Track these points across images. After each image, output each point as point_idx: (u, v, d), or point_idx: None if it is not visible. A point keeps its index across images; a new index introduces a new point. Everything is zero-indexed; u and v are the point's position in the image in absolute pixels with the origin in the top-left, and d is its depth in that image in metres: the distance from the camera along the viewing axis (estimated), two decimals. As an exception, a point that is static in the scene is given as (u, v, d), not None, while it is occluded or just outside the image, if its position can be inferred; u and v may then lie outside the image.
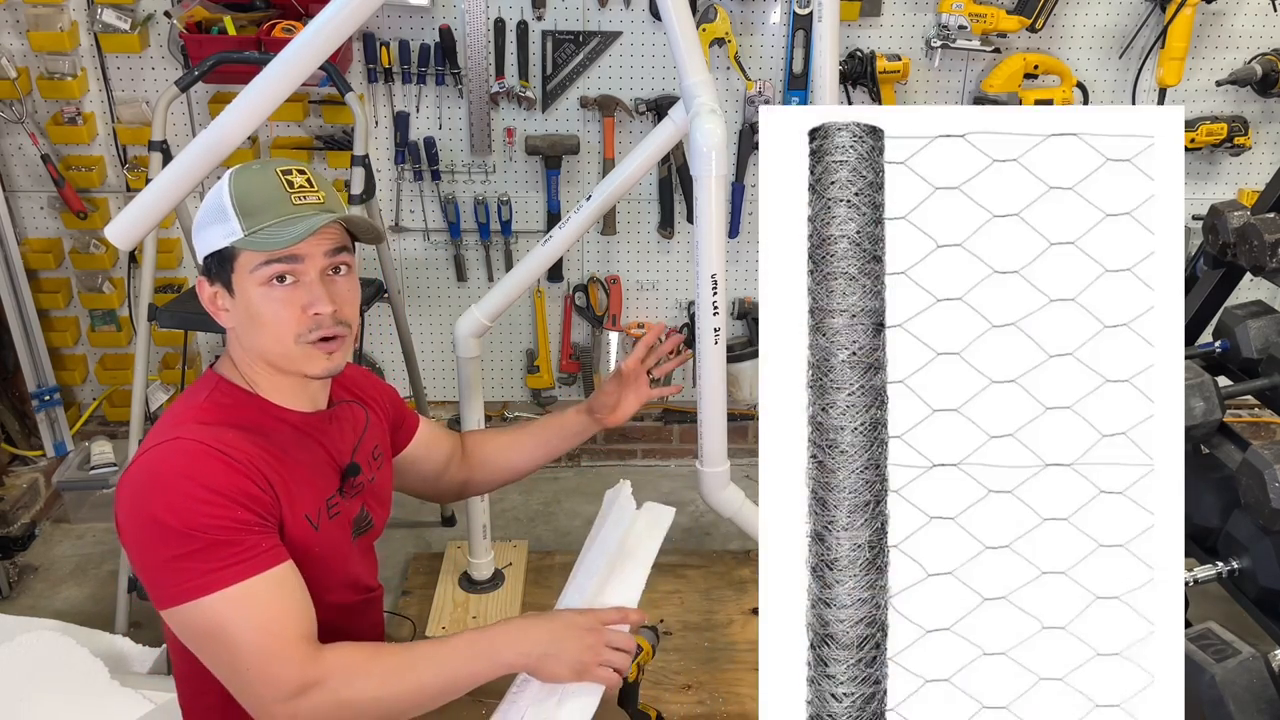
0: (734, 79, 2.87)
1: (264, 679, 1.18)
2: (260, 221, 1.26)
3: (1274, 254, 2.33)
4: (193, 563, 1.17)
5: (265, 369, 1.34)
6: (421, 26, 2.78)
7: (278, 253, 1.26)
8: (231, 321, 1.32)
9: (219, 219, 1.27)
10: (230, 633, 1.18)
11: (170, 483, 1.20)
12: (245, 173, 1.31)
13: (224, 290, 1.31)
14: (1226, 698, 1.90)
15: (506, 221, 2.98)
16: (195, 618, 1.19)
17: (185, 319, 2.37)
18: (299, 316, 1.28)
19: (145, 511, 1.19)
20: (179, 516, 1.18)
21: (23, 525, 2.86)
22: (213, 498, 1.19)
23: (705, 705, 2.32)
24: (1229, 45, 2.93)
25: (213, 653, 1.22)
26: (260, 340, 1.30)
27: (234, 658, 1.19)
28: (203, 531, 1.18)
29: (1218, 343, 2.59)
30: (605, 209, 2.07)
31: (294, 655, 1.19)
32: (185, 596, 1.18)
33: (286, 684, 1.18)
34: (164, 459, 1.22)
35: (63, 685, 2.02)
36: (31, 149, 2.78)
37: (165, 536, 1.18)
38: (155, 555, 1.19)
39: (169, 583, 1.19)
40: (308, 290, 1.29)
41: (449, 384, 3.21)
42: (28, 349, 2.95)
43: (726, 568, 2.78)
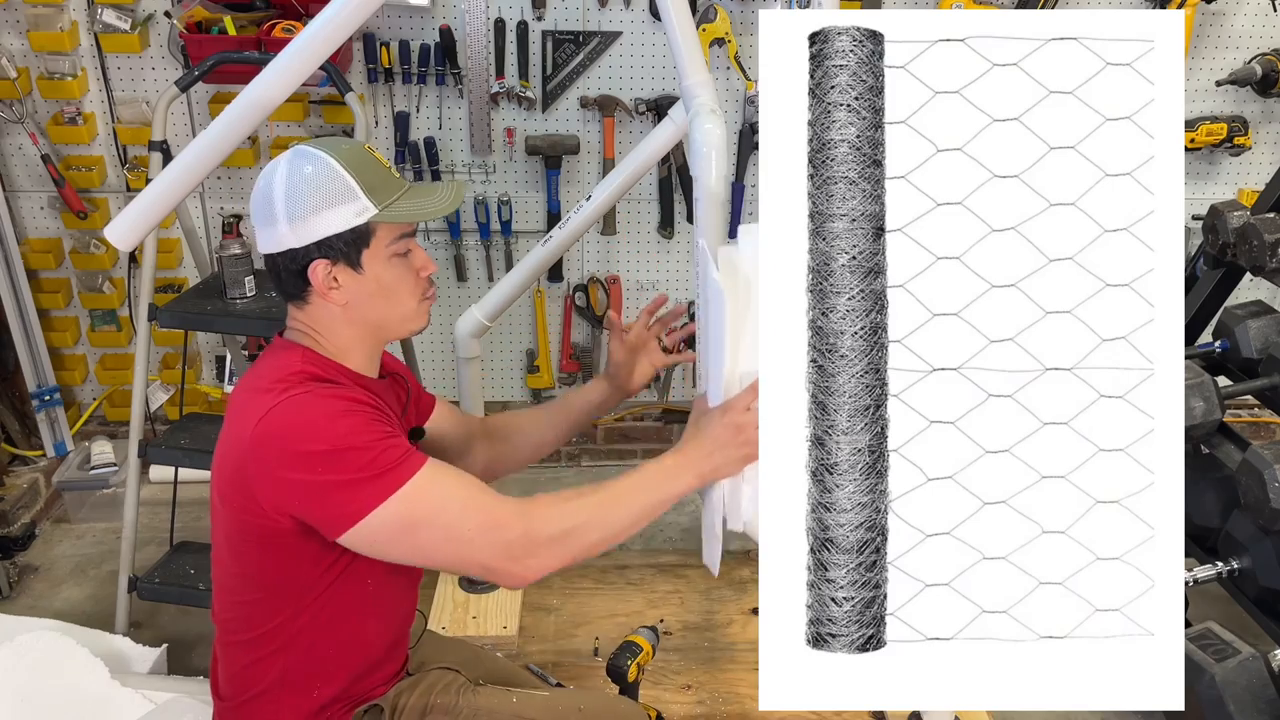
0: (734, 79, 2.87)
1: (490, 531, 1.29)
2: (387, 197, 1.34)
3: (1274, 254, 2.34)
4: (373, 469, 1.26)
5: (369, 340, 1.42)
6: (421, 26, 2.78)
7: (411, 226, 1.37)
8: (347, 297, 1.37)
9: (343, 199, 1.32)
10: (438, 507, 1.29)
11: (313, 420, 1.28)
12: (343, 153, 1.34)
13: (348, 268, 1.35)
14: (1226, 698, 1.91)
15: (506, 221, 2.98)
16: (395, 513, 1.26)
17: (185, 319, 2.37)
18: (417, 279, 1.41)
19: (304, 449, 1.26)
20: (338, 440, 1.26)
21: (23, 525, 2.86)
22: (355, 421, 1.29)
23: (705, 705, 2.32)
24: (1229, 45, 2.93)
25: (424, 539, 1.30)
26: (388, 309, 1.39)
27: (452, 530, 1.29)
28: (365, 445, 1.27)
29: (1218, 343, 2.59)
30: (605, 209, 2.07)
31: (505, 505, 1.31)
32: (383, 495, 1.25)
33: (513, 529, 1.29)
34: (292, 411, 1.29)
35: (63, 685, 2.02)
36: (31, 149, 2.78)
37: (333, 462, 1.25)
38: (331, 481, 1.25)
39: (358, 495, 1.25)
40: (418, 255, 1.41)
41: (449, 384, 3.21)
42: (28, 349, 2.95)
43: (726, 568, 2.77)
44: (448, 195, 1.41)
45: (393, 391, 1.51)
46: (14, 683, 1.99)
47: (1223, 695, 1.91)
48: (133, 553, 2.40)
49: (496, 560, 1.30)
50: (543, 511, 1.33)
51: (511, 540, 1.30)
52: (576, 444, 3.30)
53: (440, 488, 1.30)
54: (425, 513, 1.28)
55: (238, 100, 1.54)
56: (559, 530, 1.32)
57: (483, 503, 1.32)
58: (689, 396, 3.23)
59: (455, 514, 1.30)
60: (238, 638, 1.42)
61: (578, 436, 3.29)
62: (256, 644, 1.40)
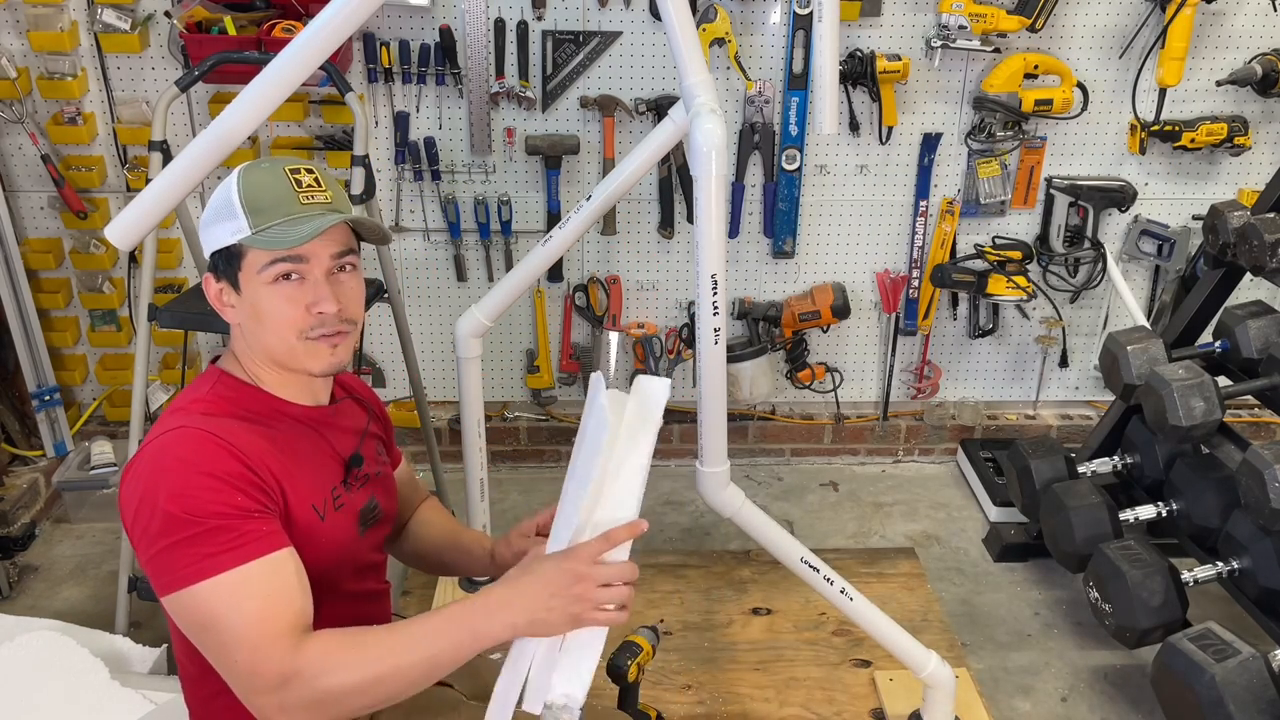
0: (734, 79, 2.87)
1: (250, 670, 1.17)
2: (268, 220, 1.28)
3: (1274, 254, 2.34)
4: (190, 548, 1.17)
5: (270, 365, 1.35)
6: (421, 26, 2.78)
7: (284, 251, 1.27)
8: (237, 318, 1.34)
9: (227, 216, 1.29)
10: (221, 621, 1.17)
11: (172, 469, 1.20)
12: (254, 171, 1.32)
13: (230, 287, 1.32)
14: (1226, 698, 1.91)
15: (506, 221, 2.98)
16: (190, 605, 1.18)
17: (185, 319, 2.36)
18: (303, 314, 1.30)
19: (148, 498, 1.20)
20: (179, 502, 1.18)
21: (23, 525, 2.86)
22: (213, 483, 1.20)
23: (705, 705, 2.32)
24: (1229, 45, 2.93)
25: (207, 642, 1.20)
26: (265, 336, 1.32)
27: (224, 648, 1.18)
28: (202, 517, 1.18)
29: (1218, 343, 2.60)
30: (605, 209, 2.07)
31: (278, 646, 1.17)
32: (181, 583, 1.18)
33: (269, 676, 1.16)
34: (167, 447, 1.23)
35: (63, 685, 2.02)
36: (31, 149, 2.78)
37: (166, 523, 1.18)
38: (156, 542, 1.19)
39: (167, 569, 1.18)
40: (313, 288, 1.30)
41: (449, 384, 3.21)
42: (28, 349, 2.95)
43: (726, 568, 2.78)
44: (318, 227, 1.27)
45: (339, 419, 1.44)
46: (14, 683, 1.99)
47: (1223, 695, 1.91)
48: (133, 552, 2.40)
49: (252, 706, 1.18)
50: (308, 666, 1.16)
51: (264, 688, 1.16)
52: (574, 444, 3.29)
53: (242, 598, 1.17)
54: (216, 615, 1.17)
55: (237, 100, 1.54)
56: (320, 689, 1.16)
57: (263, 638, 1.16)
58: (689, 396, 3.23)
59: (234, 636, 1.17)
60: (185, 670, 1.37)
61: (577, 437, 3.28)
62: (203, 679, 1.32)
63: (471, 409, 2.39)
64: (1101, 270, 3.12)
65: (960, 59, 2.89)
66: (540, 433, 3.29)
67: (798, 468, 3.37)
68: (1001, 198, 3.06)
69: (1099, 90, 2.94)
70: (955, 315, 3.24)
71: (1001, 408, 3.41)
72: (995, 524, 3.01)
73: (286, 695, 1.16)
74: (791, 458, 3.39)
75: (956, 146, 3.00)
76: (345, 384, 1.52)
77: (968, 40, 2.79)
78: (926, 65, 2.90)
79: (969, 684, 2.36)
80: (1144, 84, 2.91)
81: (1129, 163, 3.05)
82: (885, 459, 3.41)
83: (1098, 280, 3.15)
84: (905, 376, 3.31)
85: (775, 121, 2.93)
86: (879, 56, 2.80)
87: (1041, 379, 3.33)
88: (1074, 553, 2.47)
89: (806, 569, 1.91)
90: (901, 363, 3.29)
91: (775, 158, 2.96)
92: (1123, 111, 2.98)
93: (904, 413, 3.37)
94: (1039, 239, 3.11)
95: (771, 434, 3.35)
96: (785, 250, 3.07)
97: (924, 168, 3.00)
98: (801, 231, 3.07)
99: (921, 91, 2.93)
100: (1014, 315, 3.24)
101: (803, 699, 2.35)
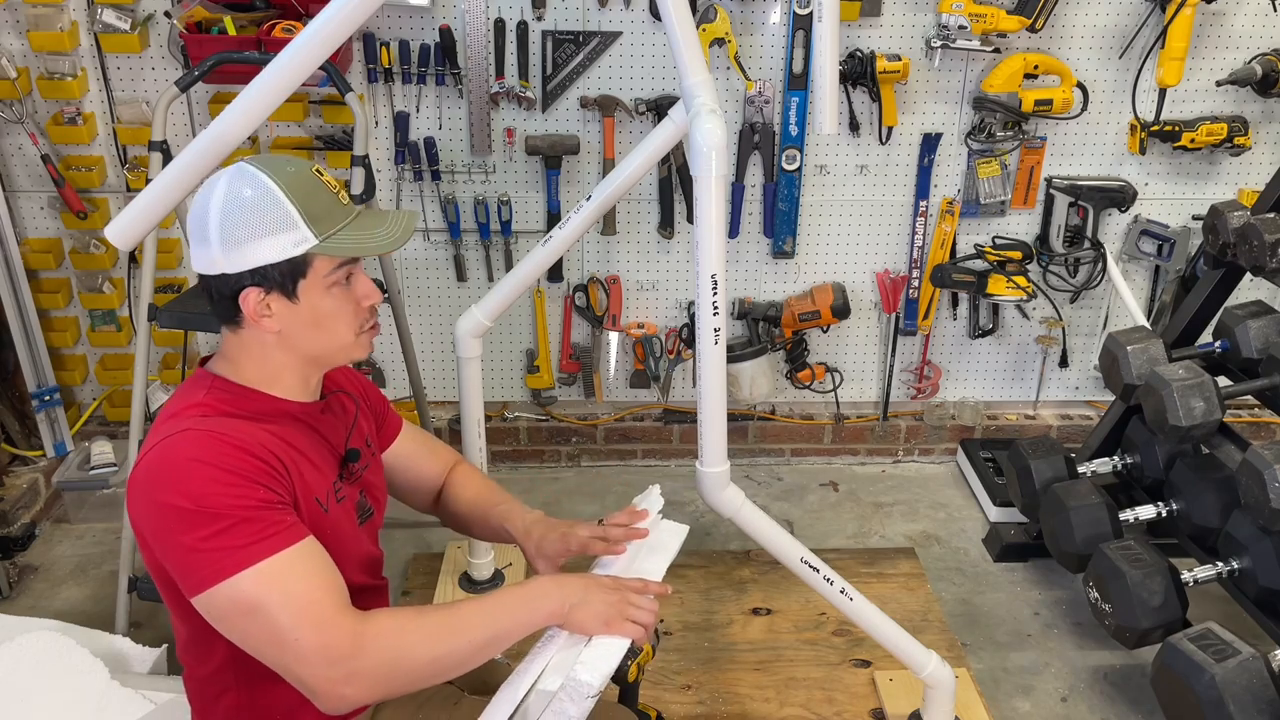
0: (734, 79, 2.87)
1: (315, 649, 1.18)
2: (330, 227, 1.28)
3: (1274, 254, 2.34)
4: (221, 542, 1.18)
5: (295, 365, 1.35)
6: (421, 26, 2.78)
7: (350, 255, 1.31)
8: (280, 325, 1.30)
9: (282, 227, 1.25)
10: (270, 608, 1.18)
11: (186, 469, 1.20)
12: (287, 176, 1.27)
13: (283, 297, 1.29)
14: (1226, 698, 1.91)
15: (506, 221, 2.98)
16: (232, 597, 1.18)
17: (185, 319, 2.36)
18: (357, 310, 1.35)
19: (164, 501, 1.19)
20: (199, 500, 1.18)
21: (23, 525, 2.86)
22: (230, 478, 1.20)
23: (705, 705, 2.32)
24: (1229, 45, 2.93)
25: (254, 631, 1.20)
26: (324, 340, 1.34)
27: (278, 633, 1.18)
28: (226, 512, 1.18)
29: (1218, 343, 2.60)
30: (605, 209, 2.07)
31: (340, 623, 1.20)
32: (219, 576, 1.18)
33: (338, 650, 1.19)
34: (175, 449, 1.22)
35: (63, 685, 2.02)
36: (31, 149, 2.78)
37: (188, 522, 1.18)
38: (181, 542, 1.19)
39: (200, 566, 1.18)
40: (359, 284, 1.35)
41: (449, 384, 3.21)
42: (28, 349, 2.95)
43: (726, 568, 2.78)
44: (395, 229, 1.34)
45: (331, 414, 1.45)
46: (14, 683, 1.99)
47: (1223, 695, 1.91)
48: (133, 553, 2.40)
49: (316, 682, 1.19)
50: (377, 639, 1.21)
51: (334, 660, 1.19)
52: (576, 444, 3.30)
53: (287, 581, 1.19)
54: (263, 601, 1.18)
55: (238, 100, 1.54)
56: (389, 659, 1.21)
57: (322, 614, 1.20)
58: (689, 396, 3.23)
59: (290, 616, 1.18)
60: (192, 672, 1.38)
61: (577, 437, 3.29)
62: (210, 680, 1.35)
63: (471, 409, 2.39)
64: (1101, 270, 3.12)
65: (960, 59, 2.89)
66: (540, 433, 3.29)
67: (798, 468, 3.37)
68: (1001, 198, 3.06)
69: (1099, 90, 2.94)
70: (955, 315, 3.24)
71: (1001, 408, 3.41)
72: (995, 524, 3.01)
73: (358, 664, 1.19)
74: (791, 458, 3.39)
75: (956, 146, 3.00)
76: (333, 374, 1.51)
77: (968, 40, 2.79)
78: (926, 65, 2.90)
79: (969, 684, 2.36)
80: (1144, 84, 2.91)
81: (1129, 163, 3.05)
82: (885, 459, 3.41)
83: (1098, 280, 3.15)
84: (905, 376, 3.31)
85: (775, 121, 2.93)
86: (879, 56, 2.80)
87: (1041, 379, 3.33)
88: (1074, 553, 2.47)
89: (806, 569, 1.91)
90: (901, 363, 3.29)
91: (775, 158, 2.96)
92: (1123, 111, 2.98)
93: (904, 413, 3.37)
94: (1039, 239, 3.11)
95: (771, 434, 3.35)
96: (785, 250, 3.07)
97: (924, 168, 3.01)
98: (801, 231, 3.07)
99: (921, 91, 2.93)
100: (1014, 315, 3.24)
101: (803, 699, 2.35)
